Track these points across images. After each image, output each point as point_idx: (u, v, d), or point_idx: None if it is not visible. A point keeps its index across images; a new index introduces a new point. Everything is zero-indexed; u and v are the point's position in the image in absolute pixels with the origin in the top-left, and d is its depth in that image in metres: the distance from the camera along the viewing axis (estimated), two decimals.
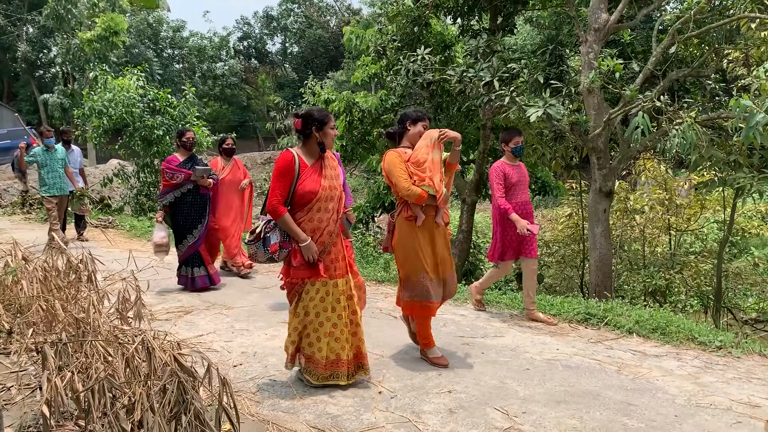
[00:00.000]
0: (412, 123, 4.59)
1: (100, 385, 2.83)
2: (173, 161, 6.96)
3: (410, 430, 3.47)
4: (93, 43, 25.58)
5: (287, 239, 3.91)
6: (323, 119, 3.95)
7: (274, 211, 3.87)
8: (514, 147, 5.92)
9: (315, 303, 3.95)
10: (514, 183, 5.85)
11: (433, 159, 4.37)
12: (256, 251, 4.01)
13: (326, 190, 3.96)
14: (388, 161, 4.45)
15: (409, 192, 4.30)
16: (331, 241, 4.00)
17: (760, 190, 6.88)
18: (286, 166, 3.90)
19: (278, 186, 3.90)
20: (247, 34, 51.78)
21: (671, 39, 7.62)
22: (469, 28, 12.18)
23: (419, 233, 4.43)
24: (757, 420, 3.66)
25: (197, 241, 6.94)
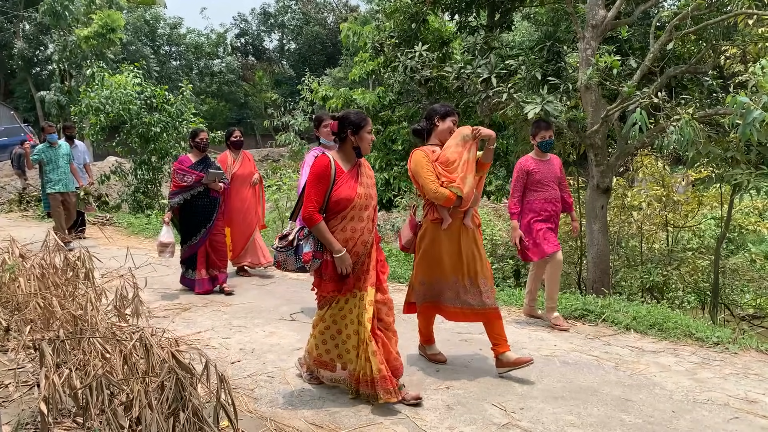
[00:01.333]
0: (440, 119, 4.30)
1: (98, 382, 2.83)
2: (185, 162, 6.73)
3: (408, 426, 3.47)
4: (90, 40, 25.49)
5: (321, 249, 3.72)
6: (359, 122, 3.75)
7: (309, 219, 3.67)
8: (540, 141, 5.63)
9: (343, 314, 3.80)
10: (539, 179, 5.58)
11: (467, 159, 4.10)
12: (286, 259, 3.78)
13: (362, 198, 3.76)
14: (415, 161, 4.19)
15: (437, 194, 4.06)
16: (365, 252, 3.79)
17: (757, 186, 6.90)
18: (323, 170, 3.70)
19: (314, 192, 3.69)
20: (245, 30, 51.68)
21: (669, 35, 7.62)
22: (466, 24, 12.19)
23: (445, 236, 4.21)
24: (754, 416, 3.67)
25: (198, 242, 6.70)
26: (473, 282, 4.22)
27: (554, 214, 5.66)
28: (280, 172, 14.79)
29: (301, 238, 3.75)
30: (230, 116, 43.79)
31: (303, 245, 3.73)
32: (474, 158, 4.15)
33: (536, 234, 5.55)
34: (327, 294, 3.81)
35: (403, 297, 4.64)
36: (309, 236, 3.73)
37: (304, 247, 3.72)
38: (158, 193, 15.18)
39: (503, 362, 4.23)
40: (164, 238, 6.56)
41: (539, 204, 5.59)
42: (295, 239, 3.76)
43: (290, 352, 4.74)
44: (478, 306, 4.21)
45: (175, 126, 14.62)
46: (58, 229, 9.31)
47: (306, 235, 3.74)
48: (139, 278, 4.05)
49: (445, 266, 4.21)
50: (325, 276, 3.75)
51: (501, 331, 4.25)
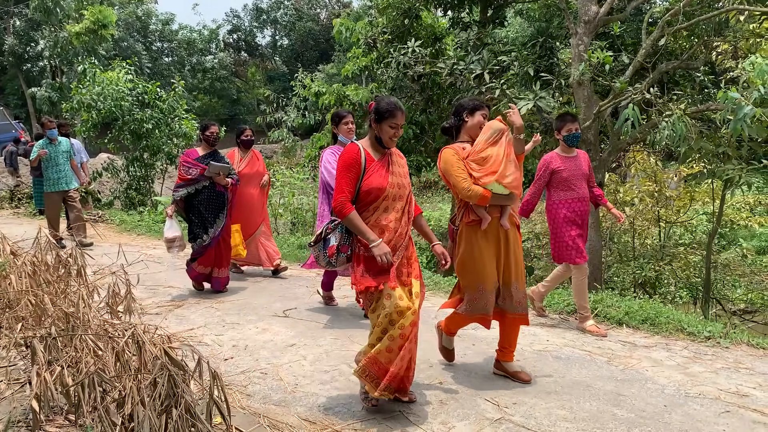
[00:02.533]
0: (469, 114, 4.06)
1: (90, 379, 2.82)
2: (192, 154, 6.47)
3: (401, 422, 3.48)
4: (81, 36, 25.34)
5: (347, 242, 3.54)
6: (383, 113, 3.51)
7: (340, 210, 3.47)
8: (566, 135, 5.29)
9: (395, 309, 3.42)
10: (566, 177, 5.24)
11: (499, 153, 3.85)
12: (318, 254, 3.64)
13: (394, 188, 3.56)
14: (444, 160, 3.97)
15: (470, 193, 3.82)
16: (402, 245, 3.56)
17: (748, 181, 6.94)
18: (352, 158, 3.52)
19: (344, 181, 3.50)
20: (237, 26, 51.49)
21: (661, 31, 7.64)
22: (459, 20, 12.19)
23: (483, 238, 3.95)
24: (745, 409, 3.69)
25: (209, 243, 6.37)
26: (509, 285, 4.03)
27: (585, 216, 5.37)
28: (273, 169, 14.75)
29: (328, 232, 3.60)
30: (222, 112, 43.66)
31: (329, 239, 3.58)
32: (510, 151, 3.92)
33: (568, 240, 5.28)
34: (371, 288, 3.46)
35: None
36: (336, 229, 3.58)
37: (330, 240, 3.57)
38: (150, 190, 15.13)
39: (503, 368, 4.20)
40: (169, 233, 6.31)
41: (569, 205, 5.27)
42: (323, 233, 3.62)
43: (283, 349, 4.74)
44: (511, 310, 4.05)
45: (168, 122, 14.57)
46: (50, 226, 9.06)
47: (333, 227, 3.59)
48: (132, 275, 4.04)
49: (486, 271, 3.95)
50: (362, 270, 3.49)
51: (515, 339, 4.17)
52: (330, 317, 5.67)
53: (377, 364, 3.45)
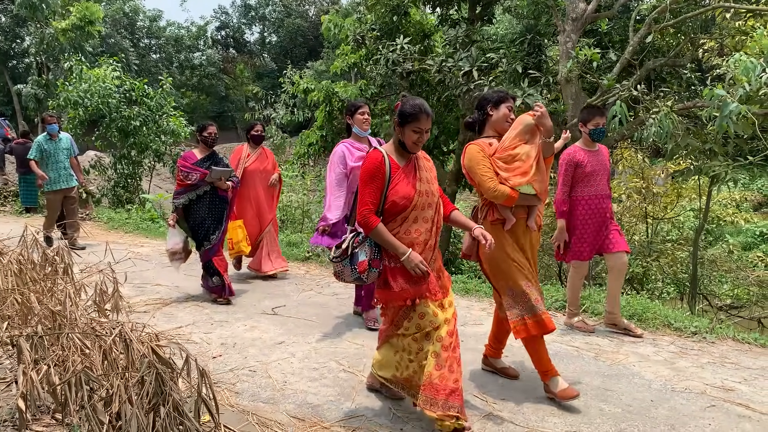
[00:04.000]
0: (493, 107, 3.83)
1: (77, 377, 2.81)
2: (190, 158, 6.10)
3: (390, 419, 3.49)
4: (68, 33, 25.13)
5: (378, 256, 3.30)
6: (406, 116, 3.24)
7: (365, 223, 3.25)
8: (593, 129, 5.02)
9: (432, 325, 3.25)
10: (589, 173, 5.01)
11: (530, 153, 3.65)
12: (342, 269, 3.38)
13: (423, 196, 3.31)
14: (469, 157, 3.74)
15: (497, 193, 3.62)
16: (432, 257, 3.35)
17: (734, 178, 6.99)
18: (375, 167, 3.26)
19: (368, 192, 3.26)
20: (225, 23, 51.28)
21: (648, 28, 7.68)
22: (448, 17, 12.21)
23: (509, 239, 3.75)
24: (731, 403, 3.73)
25: (212, 248, 6.08)
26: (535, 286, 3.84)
27: (605, 214, 5.10)
28: None
29: (356, 246, 3.34)
30: (211, 109, 43.52)
31: (358, 253, 3.32)
32: (539, 148, 3.69)
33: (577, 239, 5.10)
34: (404, 303, 3.28)
35: None
36: (364, 243, 3.32)
37: (359, 255, 3.31)
38: (138, 188, 15.06)
39: (492, 364, 4.22)
40: (171, 245, 6.04)
41: (587, 202, 5.06)
42: (350, 247, 3.36)
43: (272, 347, 4.73)
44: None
45: (155, 120, 14.51)
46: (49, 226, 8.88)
47: (360, 241, 3.34)
48: (119, 273, 4.02)
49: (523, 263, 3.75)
50: (395, 285, 3.27)
51: (506, 337, 4.15)
52: (319, 315, 5.67)
53: (432, 386, 3.20)
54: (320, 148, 13.04)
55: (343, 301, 6.14)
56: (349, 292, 6.48)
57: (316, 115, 13.02)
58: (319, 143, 12.90)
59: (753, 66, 5.89)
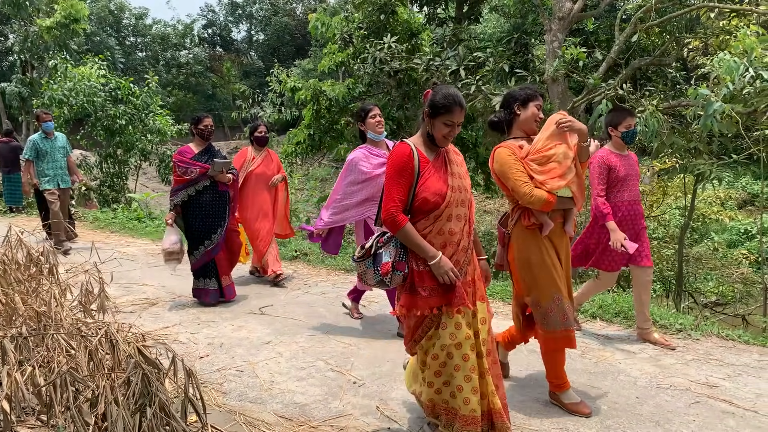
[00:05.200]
0: (521, 105, 3.57)
1: (62, 378, 2.79)
2: (187, 153, 5.82)
3: (378, 417, 3.49)
4: (52, 31, 24.86)
5: (403, 259, 3.01)
6: (438, 107, 2.96)
7: (392, 222, 2.96)
8: (625, 132, 4.73)
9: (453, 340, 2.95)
10: (622, 177, 4.71)
11: (567, 153, 3.42)
12: (365, 271, 3.11)
13: (456, 192, 3.03)
14: (500, 161, 3.47)
15: (533, 198, 3.35)
16: (466, 259, 3.07)
17: (719, 176, 7.06)
18: (403, 161, 2.98)
19: (395, 188, 2.97)
20: (212, 21, 51.05)
21: (633, 28, 7.74)
22: (435, 16, 12.24)
23: (544, 245, 3.49)
24: (715, 399, 3.77)
25: (216, 247, 5.82)
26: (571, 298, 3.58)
27: (638, 219, 4.84)
28: None
29: (380, 246, 3.07)
30: (198, 108, 43.24)
31: (382, 254, 3.04)
32: (575, 149, 3.48)
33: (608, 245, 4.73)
34: (428, 311, 3.00)
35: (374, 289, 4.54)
36: (389, 243, 3.04)
37: (382, 256, 3.03)
38: (124, 187, 14.97)
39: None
40: (168, 244, 5.70)
41: (623, 207, 4.75)
42: (374, 247, 3.09)
43: (259, 346, 4.72)
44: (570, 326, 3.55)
45: (141, 118, 14.43)
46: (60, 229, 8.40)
47: (385, 241, 3.06)
48: (105, 273, 4.00)
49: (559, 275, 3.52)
50: (422, 290, 2.99)
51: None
52: (306, 314, 5.66)
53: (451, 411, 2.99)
54: (308, 146, 13.02)
55: (331, 301, 6.14)
56: (337, 292, 6.48)
57: (304, 113, 12.99)
58: (307, 142, 12.88)
59: (736, 65, 5.95)
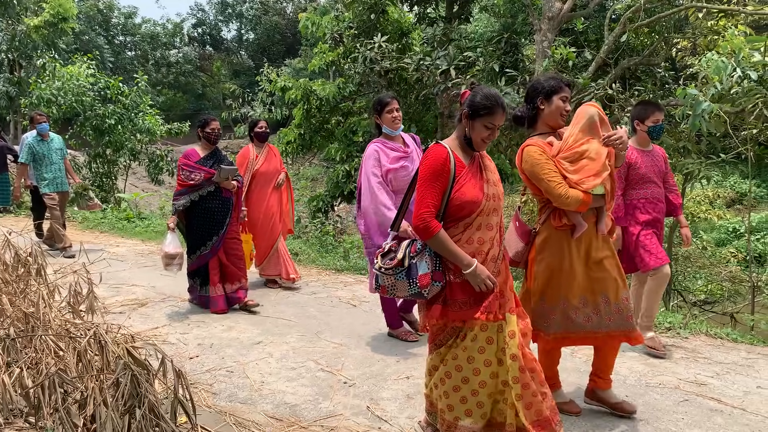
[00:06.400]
0: (544, 99, 3.34)
1: (50, 380, 2.78)
2: (192, 156, 5.64)
3: (368, 417, 3.49)
4: (40, 30, 24.71)
5: (440, 268, 2.85)
6: (478, 109, 2.83)
7: (425, 228, 2.79)
8: (652, 126, 4.49)
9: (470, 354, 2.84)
10: (643, 174, 4.47)
11: (599, 150, 3.22)
12: (395, 283, 2.91)
13: (490, 200, 2.88)
14: (529, 159, 3.27)
15: (569, 199, 3.15)
16: (496, 270, 2.90)
17: (707, 175, 7.09)
18: (439, 164, 2.82)
19: (429, 192, 2.81)
20: (202, 20, 50.83)
21: (623, 27, 7.78)
22: (425, 15, 12.25)
23: (575, 247, 3.31)
24: (704, 398, 3.79)
25: (209, 252, 5.63)
26: (610, 300, 3.34)
27: (659, 217, 4.61)
28: None
29: (413, 255, 2.89)
30: (187, 107, 43.12)
31: (417, 264, 2.87)
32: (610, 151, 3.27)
33: (638, 241, 4.51)
34: (459, 323, 2.86)
35: (364, 289, 4.58)
36: (423, 251, 2.87)
37: (418, 266, 2.86)
38: (114, 187, 14.90)
39: (601, 398, 3.59)
40: (170, 248, 5.49)
41: (641, 204, 4.54)
42: (406, 257, 2.90)
43: (249, 347, 4.71)
44: (618, 328, 3.34)
45: (131, 118, 14.36)
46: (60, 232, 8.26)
47: (419, 250, 2.89)
48: (94, 274, 3.98)
49: (574, 283, 3.32)
50: (454, 302, 2.85)
51: (613, 362, 3.55)
52: (297, 314, 5.66)
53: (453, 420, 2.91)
54: (298, 146, 13.02)
55: (321, 301, 6.13)
56: (328, 292, 6.48)
57: (294, 113, 12.98)
58: (297, 141, 12.88)
59: (724, 65, 5.99)
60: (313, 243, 9.96)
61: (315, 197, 13.12)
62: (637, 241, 4.49)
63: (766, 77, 6.00)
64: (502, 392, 2.84)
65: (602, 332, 3.34)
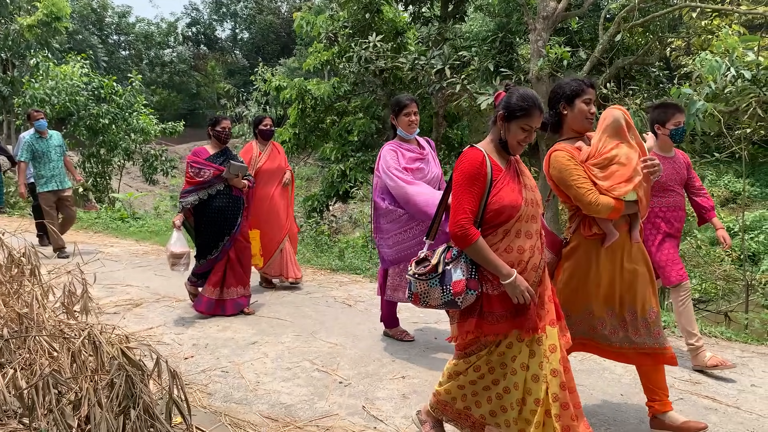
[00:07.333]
0: (566, 104, 3.21)
1: (44, 381, 2.76)
2: (201, 153, 5.54)
3: (364, 417, 3.49)
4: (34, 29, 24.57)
5: (475, 276, 2.72)
6: (514, 110, 2.72)
7: (463, 235, 2.66)
8: (674, 129, 4.25)
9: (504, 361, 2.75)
10: (663, 182, 4.23)
11: (630, 155, 3.07)
12: (428, 290, 2.77)
13: (529, 206, 2.77)
14: (557, 166, 3.13)
15: (600, 207, 3.00)
16: (536, 280, 2.78)
17: (701, 174, 7.12)
18: (475, 168, 2.70)
19: (466, 197, 2.69)
20: (196, 19, 50.76)
21: (617, 27, 7.79)
22: (420, 15, 12.26)
23: (604, 256, 3.15)
24: (698, 396, 3.80)
25: (219, 255, 5.51)
26: (636, 313, 3.19)
27: (680, 227, 4.39)
28: None
29: (448, 261, 2.77)
30: (182, 107, 43.09)
31: (451, 271, 2.73)
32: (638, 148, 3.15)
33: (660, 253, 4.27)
34: (494, 336, 2.76)
35: (359, 289, 4.58)
36: (459, 258, 2.75)
37: (453, 273, 2.73)
38: (108, 187, 14.85)
39: (666, 425, 3.30)
40: (176, 247, 5.34)
41: (662, 213, 4.29)
42: (441, 263, 2.78)
43: (245, 347, 4.70)
44: (645, 344, 3.19)
45: (125, 117, 14.33)
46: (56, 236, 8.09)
47: (455, 256, 2.76)
48: (88, 274, 3.96)
49: (600, 295, 3.18)
50: (490, 315, 2.72)
51: (663, 381, 3.31)
52: (292, 314, 5.65)
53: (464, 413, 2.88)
54: (293, 146, 13.00)
55: (317, 300, 6.13)
56: (323, 291, 6.47)
57: (289, 112, 12.98)
58: (292, 141, 12.86)
59: (718, 65, 6.01)
60: (308, 243, 9.95)
61: (310, 197, 13.12)
62: (659, 253, 4.26)
63: (759, 76, 6.03)
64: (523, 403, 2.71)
65: (631, 349, 3.20)
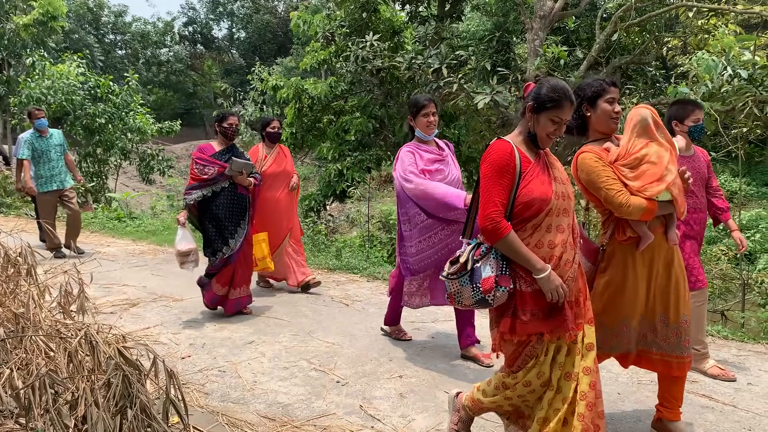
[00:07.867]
0: (589, 105, 3.11)
1: (41, 381, 2.75)
2: (207, 150, 5.46)
3: (361, 416, 3.49)
4: (29, 28, 24.52)
5: (506, 272, 2.62)
6: (544, 102, 2.64)
7: (493, 229, 2.58)
8: (693, 126, 4.11)
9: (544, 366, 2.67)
10: None
11: (660, 154, 2.95)
12: (460, 289, 2.70)
13: (560, 199, 2.67)
14: (586, 168, 3.02)
15: (631, 208, 2.88)
16: (571, 276, 2.68)
17: None
18: (504, 159, 2.62)
19: (495, 190, 2.61)
20: (193, 19, 50.71)
21: (614, 26, 7.80)
22: (417, 14, 12.26)
23: (639, 261, 3.04)
24: (695, 395, 3.81)
25: (233, 255, 5.40)
26: (668, 320, 3.08)
27: (701, 231, 4.24)
28: None
29: (477, 259, 2.68)
30: (179, 107, 43.06)
31: (481, 268, 2.65)
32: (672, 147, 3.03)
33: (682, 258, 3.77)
34: (528, 337, 2.66)
35: (357, 288, 4.58)
36: (488, 254, 2.65)
37: (482, 270, 2.64)
38: (104, 187, 14.83)
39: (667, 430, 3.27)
40: (182, 245, 5.30)
41: (690, 215, 4.09)
42: (470, 260, 2.70)
43: (242, 346, 4.70)
44: (673, 352, 3.07)
45: (121, 117, 14.31)
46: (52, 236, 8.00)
47: (484, 253, 2.67)
48: (85, 273, 3.95)
49: (637, 303, 3.06)
50: (523, 313, 2.61)
51: (681, 392, 3.23)
52: (289, 313, 5.64)
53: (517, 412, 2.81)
54: (290, 145, 12.99)
55: (314, 300, 6.12)
56: (320, 290, 6.47)
57: (286, 112, 12.96)
58: (289, 140, 12.85)
59: (715, 64, 6.02)
60: (305, 242, 9.94)
61: (307, 196, 13.11)
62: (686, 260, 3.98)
63: (756, 76, 6.04)
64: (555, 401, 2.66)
65: (657, 354, 3.11)
